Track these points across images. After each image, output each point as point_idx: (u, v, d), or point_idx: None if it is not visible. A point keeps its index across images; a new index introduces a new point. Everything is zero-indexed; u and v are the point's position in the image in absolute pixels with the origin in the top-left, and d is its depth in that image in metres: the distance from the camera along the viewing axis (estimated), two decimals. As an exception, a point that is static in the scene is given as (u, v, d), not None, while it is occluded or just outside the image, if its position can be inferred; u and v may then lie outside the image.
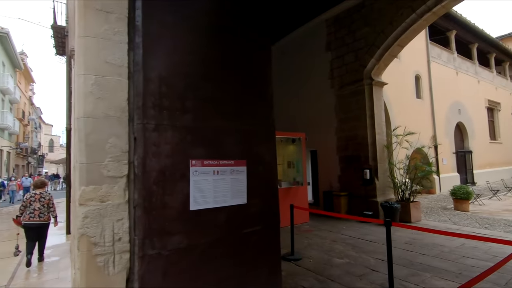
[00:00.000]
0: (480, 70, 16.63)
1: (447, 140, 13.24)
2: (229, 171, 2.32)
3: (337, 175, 8.24)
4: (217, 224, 2.24)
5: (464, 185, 8.70)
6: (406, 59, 11.58)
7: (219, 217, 2.26)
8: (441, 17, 13.66)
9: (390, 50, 7.19)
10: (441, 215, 7.86)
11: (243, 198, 2.39)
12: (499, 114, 17.77)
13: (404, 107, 11.19)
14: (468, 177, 14.35)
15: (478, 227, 6.42)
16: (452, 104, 13.82)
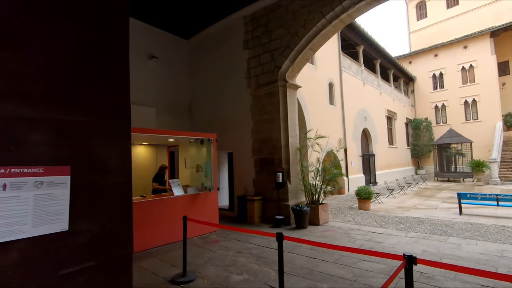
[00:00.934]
0: (382, 83, 18.96)
1: (355, 144, 14.52)
2: (31, 184, 1.51)
3: (252, 179, 7.92)
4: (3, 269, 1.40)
5: (366, 186, 9.44)
6: (321, 67, 12.19)
7: (9, 257, 1.42)
8: (352, 32, 15.02)
9: (303, 53, 7.20)
10: (347, 215, 8.26)
11: (62, 223, 1.61)
12: (395, 123, 20.58)
13: (319, 112, 11.72)
14: (372, 178, 16.05)
15: (375, 225, 6.85)
16: (359, 111, 15.26)
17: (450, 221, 7.09)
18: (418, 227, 6.56)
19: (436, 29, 25.57)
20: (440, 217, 7.78)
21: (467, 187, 14.73)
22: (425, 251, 4.72)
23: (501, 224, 6.66)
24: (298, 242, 2.95)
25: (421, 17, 27.09)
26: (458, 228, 6.39)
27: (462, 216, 7.84)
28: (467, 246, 4.95)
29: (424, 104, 23.72)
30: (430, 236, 5.66)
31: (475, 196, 8.07)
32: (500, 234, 5.76)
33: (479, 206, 8.53)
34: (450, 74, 22.23)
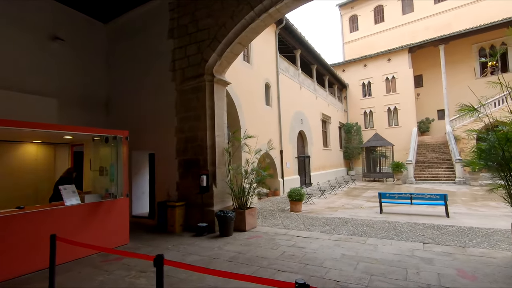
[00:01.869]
0: (318, 88, 19.77)
1: (291, 146, 14.68)
2: None
3: (176, 182, 7.13)
4: None
5: (298, 188, 9.41)
6: (257, 66, 11.95)
7: None
8: (289, 36, 15.18)
9: (231, 47, 6.71)
10: (277, 218, 8.02)
11: None
12: (330, 126, 21.69)
13: (254, 112, 11.43)
14: (307, 179, 16.47)
15: (303, 228, 6.69)
16: (296, 114, 15.53)
17: (371, 221, 7.34)
18: (342, 228, 6.58)
19: (366, 41, 27.94)
20: (363, 216, 8.05)
21: (388, 186, 16.10)
22: (344, 255, 4.59)
23: (413, 222, 7.10)
24: (179, 267, 2.37)
25: (354, 29, 29.34)
26: (377, 227, 6.59)
27: (382, 215, 8.25)
28: (383, 247, 4.99)
29: (355, 109, 25.60)
30: (351, 238, 5.65)
31: (393, 195, 8.59)
32: (412, 232, 6.06)
33: (396, 204, 9.16)
34: (376, 83, 24.40)
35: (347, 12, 29.63)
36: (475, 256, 4.41)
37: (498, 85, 4.37)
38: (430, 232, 6.04)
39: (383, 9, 27.39)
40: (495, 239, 5.38)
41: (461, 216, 7.89)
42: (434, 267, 4.01)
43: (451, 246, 4.98)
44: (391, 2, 26.76)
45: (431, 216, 7.83)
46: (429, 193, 8.27)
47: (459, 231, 6.08)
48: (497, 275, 3.67)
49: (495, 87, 4.43)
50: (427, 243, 5.18)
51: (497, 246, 4.93)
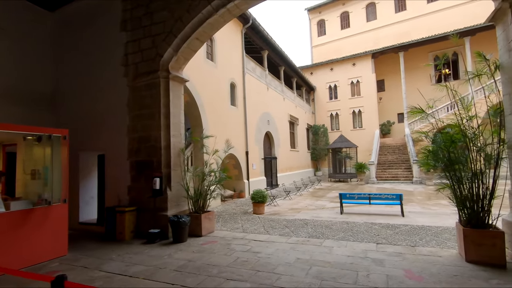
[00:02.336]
0: (286, 90, 19.90)
1: (257, 147, 14.55)
2: None
3: (127, 186, 6.61)
4: None
5: (261, 190, 9.26)
6: (222, 65, 11.66)
7: None
8: (256, 36, 15.08)
9: (189, 42, 6.37)
10: (238, 221, 7.78)
11: None
12: (297, 128, 21.94)
13: (218, 112, 11.12)
14: (273, 180, 16.45)
15: (262, 232, 6.51)
16: (263, 115, 15.44)
17: (331, 222, 7.37)
18: (301, 230, 6.50)
19: (333, 45, 28.77)
20: (324, 217, 8.08)
21: (352, 187, 16.57)
22: (298, 259, 4.46)
23: (371, 221, 7.24)
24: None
25: (321, 34, 30.10)
26: (335, 228, 6.60)
27: (343, 216, 8.34)
28: (338, 249, 4.95)
29: (322, 112, 26.20)
30: (309, 240, 5.56)
31: (353, 196, 8.75)
32: (368, 233, 6.13)
33: (357, 205, 9.34)
34: (342, 86, 25.17)
35: (315, 16, 30.34)
36: (423, 255, 4.50)
37: (452, 91, 4.54)
38: (384, 232, 6.15)
39: (349, 16, 28.39)
40: (443, 237, 5.58)
41: (415, 215, 8.21)
42: (384, 268, 4.00)
43: (402, 246, 5.07)
44: (356, 9, 27.83)
45: (388, 216, 8.05)
46: (386, 193, 8.51)
47: (412, 230, 6.26)
48: (441, 274, 3.73)
49: (449, 92, 4.59)
50: (380, 244, 5.24)
51: (444, 244, 5.11)
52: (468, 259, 4.12)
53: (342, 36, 28.55)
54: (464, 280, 3.53)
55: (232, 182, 12.90)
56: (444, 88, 4.58)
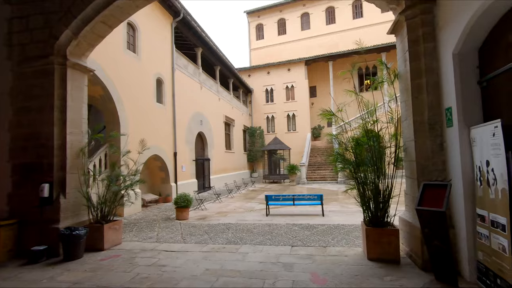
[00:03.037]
0: (222, 90, 19.53)
1: (188, 148, 13.83)
2: None
3: (7, 194, 5.38)
4: None
5: (185, 193, 8.67)
6: (147, 58, 10.70)
7: None
8: (189, 32, 14.40)
9: (93, 26, 5.50)
10: (154, 229, 7.07)
11: None
12: (233, 129, 21.77)
13: (141, 110, 10.13)
14: (206, 182, 15.89)
15: (178, 240, 5.97)
16: (195, 114, 14.78)
17: (254, 225, 7.22)
18: (221, 236, 6.17)
19: (270, 50, 29.53)
20: (249, 220, 7.91)
21: (284, 187, 17.04)
22: (207, 270, 4.10)
23: (292, 223, 7.31)
24: None
25: (260, 37, 30.66)
26: (256, 232, 6.45)
27: (268, 217, 8.31)
28: (253, 255, 4.75)
29: (258, 114, 26.58)
30: (225, 247, 5.26)
31: (278, 197, 8.81)
32: (287, 235, 6.12)
33: (283, 206, 9.44)
34: (278, 90, 25.94)
35: (254, 20, 30.77)
36: (331, 256, 4.58)
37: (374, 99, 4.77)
38: (302, 233, 6.22)
39: (285, 23, 29.52)
40: (353, 236, 5.86)
41: (334, 214, 8.63)
42: (292, 273, 3.90)
43: (314, 247, 5.12)
44: (292, 18, 29.11)
45: (310, 216, 8.29)
46: (309, 194, 8.80)
47: (328, 229, 6.47)
48: (344, 275, 3.78)
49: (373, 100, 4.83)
50: (295, 246, 5.22)
51: (352, 243, 5.33)
52: (369, 257, 4.31)
53: (279, 42, 29.51)
54: (362, 280, 3.62)
55: (158, 186, 11.96)
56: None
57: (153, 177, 12.03)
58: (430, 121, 4.01)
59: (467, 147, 3.46)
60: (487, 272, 3.07)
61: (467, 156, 3.45)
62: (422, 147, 4.06)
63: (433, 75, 4.01)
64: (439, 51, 3.94)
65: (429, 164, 4.00)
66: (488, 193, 3.02)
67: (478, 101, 3.46)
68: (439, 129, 3.97)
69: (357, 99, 4.74)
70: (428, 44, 4.06)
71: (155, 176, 12.01)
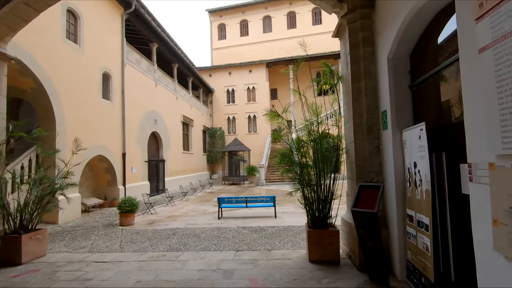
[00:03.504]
0: (179, 89, 18.82)
1: (140, 148, 13.03)
2: None
3: None
4: None
5: (130, 197, 8.05)
6: (92, 50, 9.83)
7: None
8: (143, 26, 13.63)
9: (13, 7, 4.80)
10: (91, 237, 6.41)
11: None
12: (192, 129, 21.12)
13: (83, 106, 9.25)
14: (160, 185, 15.11)
15: (115, 249, 5.45)
16: (149, 113, 13.98)
17: (203, 229, 6.91)
18: (163, 243, 5.77)
19: (232, 50, 29.31)
20: (199, 224, 7.58)
21: (243, 189, 16.88)
22: (138, 283, 3.73)
23: (243, 226, 7.14)
24: None
25: (222, 37, 30.30)
26: (203, 237, 6.16)
27: (219, 221, 8.05)
28: (193, 262, 4.46)
29: (219, 114, 26.17)
30: (165, 255, 4.90)
31: (231, 200, 8.59)
32: (235, 239, 5.92)
33: (237, 208, 9.24)
34: (239, 91, 25.80)
35: (217, 19, 30.35)
36: (275, 259, 4.47)
37: (334, 103, 4.76)
38: (250, 236, 6.07)
39: (247, 24, 29.54)
40: (300, 237, 5.85)
41: (287, 215, 8.64)
42: (230, 281, 3.70)
43: (259, 251, 4.99)
44: (254, 20, 29.23)
45: (263, 218, 8.20)
46: (262, 196, 8.72)
47: (277, 232, 6.41)
48: (283, 280, 3.68)
49: (332, 104, 4.82)
50: (240, 251, 5.04)
51: (298, 245, 5.31)
52: (311, 259, 4.28)
53: (241, 43, 29.43)
54: (301, 284, 3.54)
55: (104, 189, 11.05)
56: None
57: (99, 180, 11.09)
58: (368, 123, 4.10)
59: (399, 149, 3.56)
60: (414, 270, 3.16)
61: (399, 158, 3.56)
62: (360, 149, 4.14)
63: (371, 79, 4.11)
64: (377, 56, 4.05)
65: (366, 166, 4.08)
66: (415, 193, 3.12)
67: (409, 105, 3.59)
68: (376, 132, 4.07)
69: (301, 100, 4.72)
70: (367, 48, 4.16)
71: (100, 179, 11.08)
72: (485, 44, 1.85)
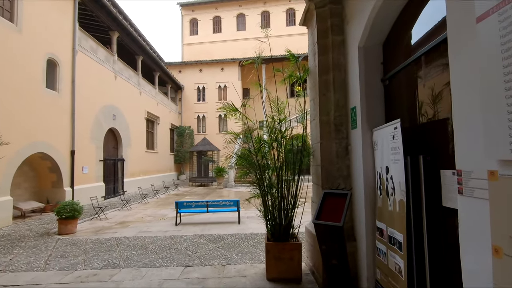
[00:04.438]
0: (144, 83, 17.58)
1: (94, 146, 11.78)
2: None
3: None
4: None
5: (71, 201, 7.01)
6: (34, 33, 8.57)
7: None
8: (102, 12, 12.39)
9: None
10: (13, 250, 5.35)
11: None
12: (158, 127, 19.89)
13: (20, 96, 7.99)
14: (118, 186, 13.87)
15: (37, 267, 4.50)
16: (106, 107, 12.74)
17: (155, 238, 6.11)
18: (101, 257, 4.90)
19: (204, 47, 28.29)
20: (153, 232, 6.75)
21: (210, 191, 16.05)
22: (46, 317, 2.91)
23: (201, 233, 6.44)
24: None
25: (194, 33, 29.18)
26: (152, 248, 5.37)
27: (177, 227, 7.28)
28: (129, 283, 3.70)
29: (189, 113, 25.08)
30: (96, 274, 4.07)
31: (190, 204, 7.83)
32: (188, 250, 5.20)
33: (198, 213, 8.48)
34: (210, 89, 24.91)
35: (188, 14, 29.18)
36: (228, 277, 3.84)
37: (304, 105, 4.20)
38: (206, 247, 5.38)
39: (221, 21, 28.72)
40: (260, 247, 5.27)
41: (251, 220, 8.05)
42: (167, 310, 3.01)
43: (213, 266, 4.33)
44: (228, 17, 28.48)
45: (225, 224, 7.55)
46: (224, 200, 8.05)
47: (237, 241, 5.78)
48: (233, 306, 3.06)
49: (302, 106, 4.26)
50: (190, 266, 4.34)
51: (258, 258, 4.72)
52: (269, 277, 3.71)
53: (213, 40, 28.52)
54: (253, 311, 2.94)
55: (47, 191, 9.75)
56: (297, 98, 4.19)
57: (41, 180, 9.77)
58: (336, 121, 3.61)
59: (370, 151, 3.10)
60: (384, 293, 2.69)
61: (370, 161, 3.09)
62: (327, 150, 3.64)
63: (340, 71, 3.64)
64: (347, 45, 3.58)
65: (333, 170, 3.59)
66: (387, 204, 2.64)
67: (381, 100, 3.14)
68: (344, 131, 3.59)
69: (261, 96, 4.16)
70: (336, 37, 3.67)
71: (43, 179, 9.76)
72: (486, 9, 1.36)
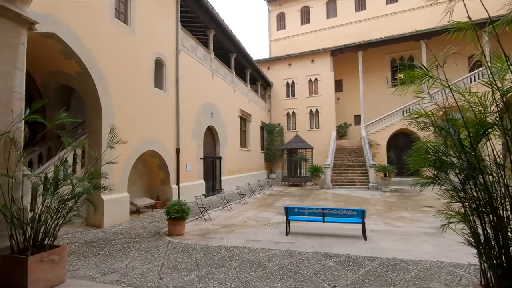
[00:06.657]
0: (237, 81, 17.48)
1: (195, 144, 11.88)
2: None
3: None
4: None
5: (179, 201, 6.67)
6: (143, 33, 8.81)
7: None
8: (200, 10, 12.41)
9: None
10: (129, 253, 5.07)
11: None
12: (250, 125, 19.67)
13: (132, 94, 8.23)
14: (216, 184, 13.89)
15: (150, 280, 3.91)
16: (205, 106, 12.80)
17: (269, 252, 5.05)
18: (215, 275, 4.04)
19: (292, 41, 27.12)
20: (262, 242, 5.78)
21: (306, 192, 14.70)
22: None
23: (324, 251, 5.08)
24: None
25: (281, 27, 28.34)
26: (272, 269, 4.27)
27: (288, 238, 6.15)
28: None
29: (278, 110, 24.32)
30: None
31: (303, 211, 6.57)
32: (319, 277, 3.89)
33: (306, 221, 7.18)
34: (300, 84, 23.55)
35: (275, 9, 28.50)
36: None
37: (403, 95, 2.50)
38: (344, 276, 3.96)
39: (309, 11, 27.01)
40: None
41: (379, 235, 6.31)
42: None
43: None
44: (317, 5, 26.55)
45: (346, 238, 6.04)
46: (344, 209, 6.48)
47: (383, 271, 4.17)
48: None
49: (403, 96, 2.57)
50: (338, 313, 2.99)
51: (441, 311, 3.03)
52: None
53: (302, 32, 27.05)
54: None
55: (157, 187, 10.09)
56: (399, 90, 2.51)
57: (152, 177, 10.18)
58: None
59: None
60: None
61: None
62: None
63: None
64: None
65: None
66: None
67: None
68: None
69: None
70: None
71: (154, 176, 10.15)
72: None
